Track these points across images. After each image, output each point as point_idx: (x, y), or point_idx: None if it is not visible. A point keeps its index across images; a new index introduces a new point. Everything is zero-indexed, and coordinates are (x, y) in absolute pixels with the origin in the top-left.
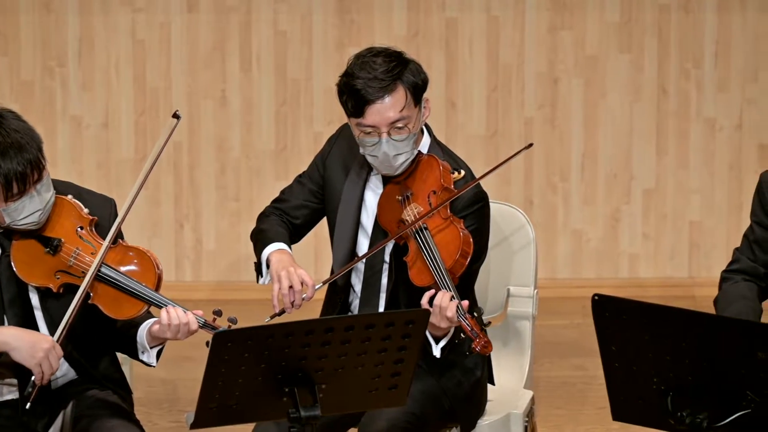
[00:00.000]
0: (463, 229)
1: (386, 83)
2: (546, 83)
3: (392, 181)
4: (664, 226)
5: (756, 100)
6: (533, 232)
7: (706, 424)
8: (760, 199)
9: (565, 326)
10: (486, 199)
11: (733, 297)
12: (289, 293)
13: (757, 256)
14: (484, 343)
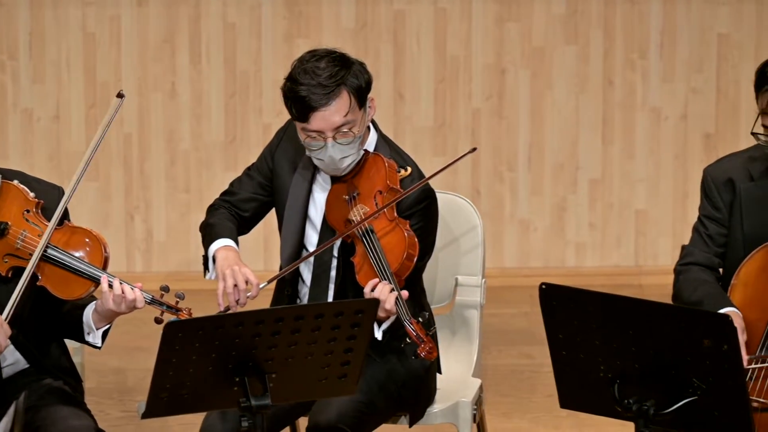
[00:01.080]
0: (409, 231)
1: (330, 89)
2: (493, 75)
3: (339, 180)
4: (610, 215)
5: (701, 90)
6: (481, 221)
7: (653, 412)
8: (707, 193)
9: (512, 315)
10: (432, 196)
11: (696, 283)
12: (234, 291)
13: (710, 248)
14: (429, 348)
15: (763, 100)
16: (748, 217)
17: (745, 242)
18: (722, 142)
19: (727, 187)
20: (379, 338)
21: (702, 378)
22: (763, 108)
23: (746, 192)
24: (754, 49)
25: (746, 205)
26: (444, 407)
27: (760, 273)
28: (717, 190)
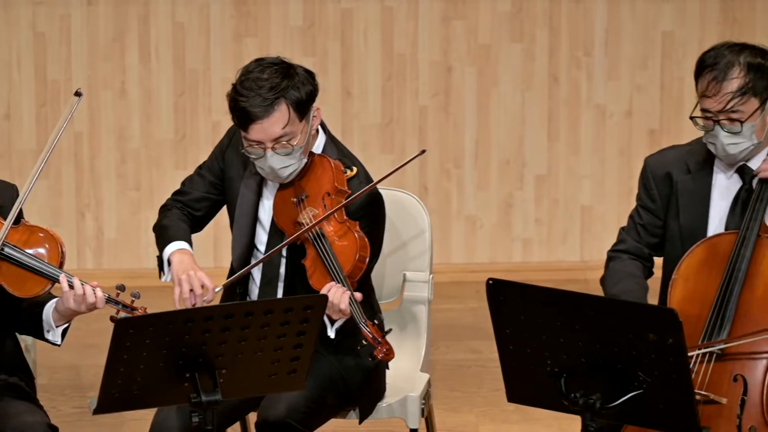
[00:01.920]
0: (359, 232)
1: (269, 102)
2: (439, 72)
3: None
4: (556, 211)
5: (645, 87)
6: (428, 218)
7: (599, 405)
8: (644, 184)
9: (460, 310)
10: (379, 198)
11: (621, 275)
12: (190, 296)
13: (642, 238)
14: (386, 350)
15: (701, 84)
16: (684, 210)
17: (681, 235)
18: (667, 138)
19: (666, 181)
20: (332, 336)
21: (647, 371)
22: (702, 91)
23: (682, 185)
24: (697, 45)
25: (682, 197)
26: (392, 402)
27: (701, 268)
28: (654, 182)
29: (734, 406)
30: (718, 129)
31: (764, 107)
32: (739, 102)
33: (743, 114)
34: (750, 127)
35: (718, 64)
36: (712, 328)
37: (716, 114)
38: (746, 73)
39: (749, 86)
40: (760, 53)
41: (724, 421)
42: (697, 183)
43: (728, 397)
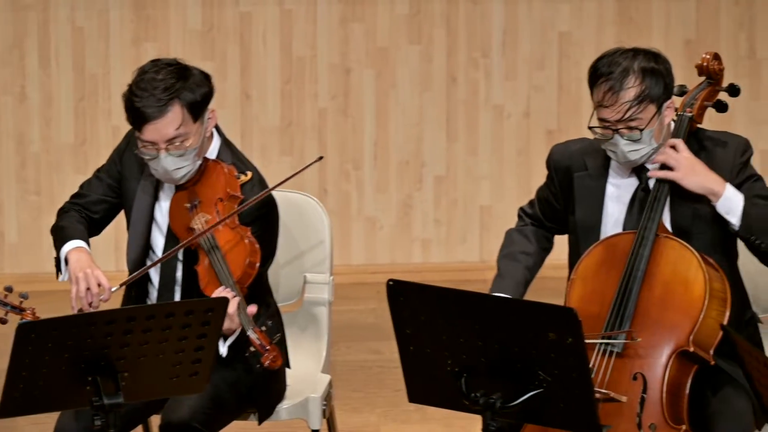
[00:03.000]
0: (250, 238)
1: (163, 102)
2: (338, 74)
3: (181, 187)
4: (455, 211)
5: (542, 87)
6: (328, 219)
7: (499, 404)
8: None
9: (360, 311)
10: (272, 203)
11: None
12: (87, 295)
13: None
14: (273, 357)
15: (597, 94)
16: (580, 206)
17: (577, 229)
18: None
19: (566, 174)
20: (224, 354)
21: (547, 371)
22: (598, 101)
23: (579, 181)
24: (594, 46)
25: (579, 193)
26: (294, 403)
27: (599, 268)
28: (555, 171)
29: (634, 405)
30: (618, 138)
31: (661, 111)
32: (636, 110)
33: (642, 122)
34: (649, 133)
35: (613, 73)
36: (612, 327)
37: (614, 123)
38: (642, 80)
39: (646, 93)
40: (653, 57)
41: (624, 419)
42: (594, 181)
43: (628, 396)
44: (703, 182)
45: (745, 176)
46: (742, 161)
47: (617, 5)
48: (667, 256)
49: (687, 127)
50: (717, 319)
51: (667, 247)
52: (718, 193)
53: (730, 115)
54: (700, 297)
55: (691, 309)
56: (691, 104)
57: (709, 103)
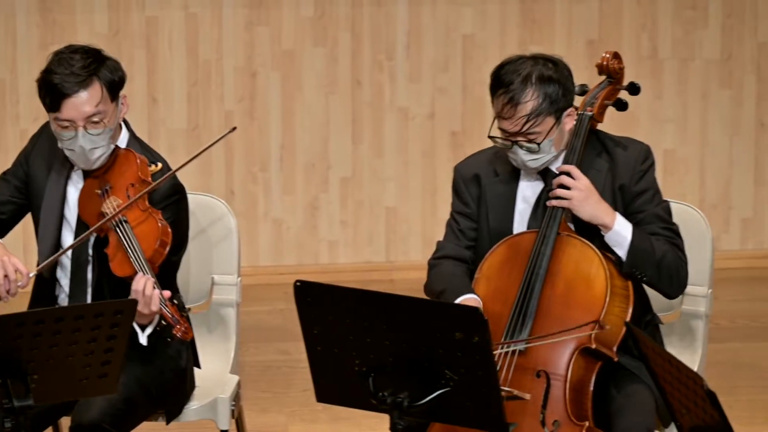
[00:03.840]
0: (162, 220)
1: (82, 78)
2: (244, 77)
3: (92, 176)
4: (362, 212)
5: (446, 89)
6: (235, 221)
7: (407, 403)
8: (456, 190)
9: (268, 312)
10: (183, 191)
11: (445, 275)
12: (4, 282)
13: (461, 242)
14: (184, 329)
15: (497, 105)
16: (492, 212)
17: (490, 236)
18: (469, 140)
19: (474, 183)
20: (144, 343)
21: (454, 369)
22: (498, 112)
23: (490, 188)
24: (498, 48)
25: (490, 200)
26: (202, 404)
27: (502, 266)
28: (465, 186)
29: (538, 402)
30: (517, 148)
31: (560, 120)
32: (534, 124)
33: (539, 135)
34: (548, 143)
35: (513, 84)
36: (515, 325)
37: (513, 135)
38: (539, 93)
39: (543, 107)
40: (552, 65)
41: (528, 416)
42: (504, 186)
43: (532, 393)
44: (595, 213)
45: (644, 187)
46: (643, 169)
47: (520, 7)
48: (569, 254)
49: (587, 126)
50: (619, 316)
51: (568, 245)
52: (609, 225)
53: (633, 114)
54: (602, 294)
55: (592, 306)
56: (592, 103)
57: (609, 102)
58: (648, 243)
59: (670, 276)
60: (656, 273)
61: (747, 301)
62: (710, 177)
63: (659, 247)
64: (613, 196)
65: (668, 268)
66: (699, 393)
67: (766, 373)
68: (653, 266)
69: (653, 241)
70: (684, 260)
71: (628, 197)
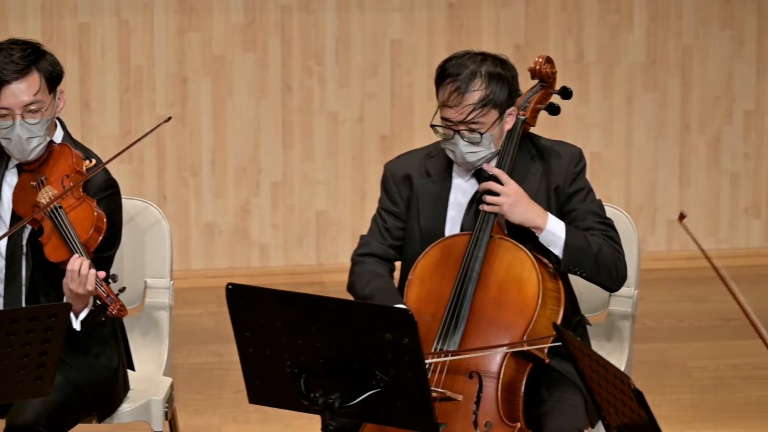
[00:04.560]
0: (97, 209)
1: (21, 66)
2: (176, 83)
3: (26, 171)
4: (292, 216)
5: (375, 93)
6: (167, 225)
7: (338, 404)
8: (386, 188)
9: (200, 315)
10: (117, 187)
11: (369, 276)
12: None
13: (386, 240)
14: (119, 307)
15: (443, 93)
16: (424, 213)
17: (421, 236)
18: (398, 143)
19: (406, 183)
20: (78, 329)
21: (384, 371)
22: (443, 101)
23: (422, 188)
24: (426, 53)
25: (422, 200)
26: (136, 406)
27: (436, 268)
28: (395, 186)
29: (470, 403)
30: (458, 138)
31: (503, 117)
32: (479, 114)
33: (483, 126)
34: (489, 137)
35: (461, 75)
36: (448, 327)
37: (457, 124)
38: (487, 84)
39: (490, 98)
40: (500, 63)
41: (460, 417)
42: (436, 186)
43: (464, 394)
44: (526, 216)
45: (578, 187)
46: (576, 171)
47: (447, 13)
48: (502, 257)
49: (521, 130)
50: (551, 318)
51: (501, 248)
52: (541, 226)
53: (560, 117)
54: (534, 297)
55: (525, 308)
56: (525, 107)
57: (542, 106)
58: (583, 239)
59: (609, 269)
60: (594, 268)
61: (673, 302)
62: (636, 179)
63: (595, 242)
64: (548, 198)
65: (606, 261)
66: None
67: (692, 372)
68: (591, 261)
69: (588, 237)
70: (621, 252)
71: (563, 198)
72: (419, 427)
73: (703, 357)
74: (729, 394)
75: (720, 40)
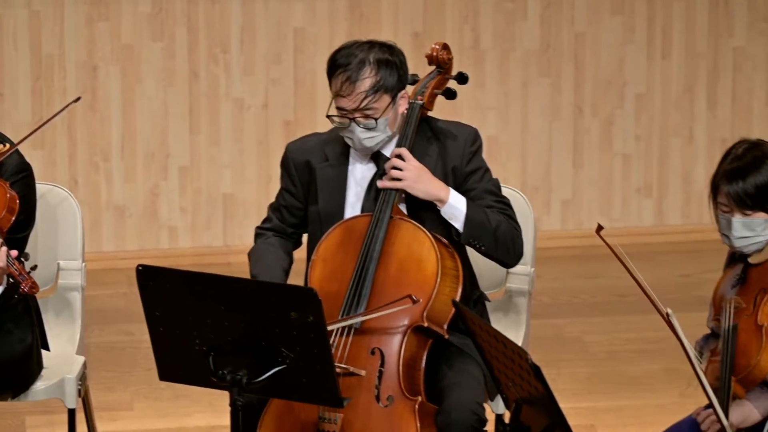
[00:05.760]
0: (10, 191)
1: None
2: (86, 71)
3: None
4: (200, 199)
5: (279, 80)
6: (79, 209)
7: (246, 381)
8: (286, 169)
9: (111, 295)
10: (31, 170)
11: (265, 250)
12: None
13: (285, 218)
14: (31, 284)
15: (335, 84)
16: (323, 196)
17: (320, 218)
18: (301, 128)
19: (305, 169)
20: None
21: (290, 348)
22: (336, 91)
23: (321, 172)
24: (327, 41)
25: (321, 184)
26: (50, 384)
27: (337, 249)
28: (295, 169)
29: (373, 378)
30: (354, 126)
31: (395, 101)
32: (372, 100)
33: (377, 111)
34: (384, 122)
35: (350, 64)
36: (350, 305)
37: (351, 112)
38: (377, 71)
39: (381, 84)
40: (388, 50)
41: (364, 391)
42: (335, 170)
43: (367, 369)
44: (429, 190)
45: (475, 166)
46: (472, 150)
47: (348, 2)
48: (402, 237)
49: (418, 114)
50: (450, 295)
51: (401, 229)
52: (444, 199)
53: (457, 102)
54: (433, 275)
55: (424, 286)
56: (422, 92)
57: (439, 91)
58: (483, 214)
59: (506, 244)
60: (493, 242)
61: (568, 279)
62: (531, 161)
63: (494, 218)
64: (446, 178)
65: (504, 236)
66: (524, 367)
67: (587, 347)
68: (490, 235)
69: (488, 212)
70: (518, 230)
71: (460, 178)
72: (324, 401)
73: (597, 332)
74: (622, 367)
75: (611, 26)
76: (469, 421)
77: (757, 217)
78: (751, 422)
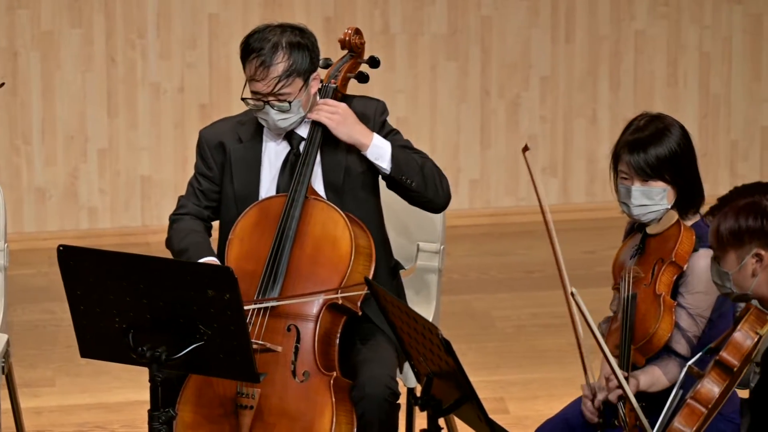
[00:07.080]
0: None
1: None
2: (6, 57)
3: None
4: (118, 181)
5: (195, 65)
6: (1, 191)
7: (165, 357)
8: (201, 154)
9: (33, 275)
10: None
11: (185, 231)
12: None
13: (201, 202)
14: None
15: (249, 68)
16: (238, 176)
17: (236, 199)
18: (216, 111)
19: (219, 150)
20: None
21: (208, 325)
22: (251, 75)
23: (235, 153)
24: (241, 26)
25: (236, 165)
26: None
27: (254, 228)
28: (210, 152)
29: (289, 354)
30: (269, 108)
31: (308, 83)
32: (285, 84)
33: (290, 95)
34: (297, 103)
35: (264, 49)
36: (267, 283)
37: (266, 95)
38: (290, 55)
39: (294, 68)
40: (300, 32)
41: (280, 367)
42: (249, 151)
43: (283, 346)
44: (352, 133)
45: (387, 130)
46: (382, 119)
47: None
48: (316, 217)
49: (331, 97)
50: (363, 273)
51: (316, 209)
52: (366, 143)
53: (368, 85)
54: (347, 253)
55: (339, 264)
56: (335, 76)
57: (351, 75)
58: (407, 153)
59: (434, 182)
60: (421, 179)
61: (476, 256)
62: (440, 142)
63: (418, 158)
64: None
65: (432, 174)
66: (435, 342)
67: (495, 321)
68: (417, 172)
69: (411, 154)
70: (442, 172)
71: None
72: (241, 376)
73: (505, 307)
74: (530, 341)
75: (517, 10)
76: (383, 395)
77: (655, 186)
78: (660, 387)
